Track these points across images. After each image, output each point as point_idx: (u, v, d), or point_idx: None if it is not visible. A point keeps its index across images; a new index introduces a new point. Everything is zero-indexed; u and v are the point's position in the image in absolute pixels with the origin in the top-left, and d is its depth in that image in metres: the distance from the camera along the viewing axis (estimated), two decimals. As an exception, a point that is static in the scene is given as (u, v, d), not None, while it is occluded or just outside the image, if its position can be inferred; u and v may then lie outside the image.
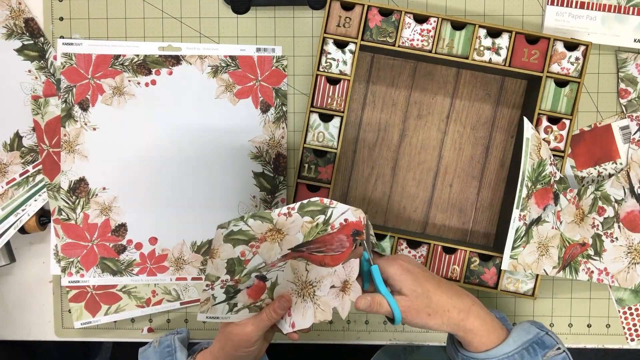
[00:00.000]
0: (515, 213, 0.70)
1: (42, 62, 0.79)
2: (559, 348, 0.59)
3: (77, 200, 0.79)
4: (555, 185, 0.73)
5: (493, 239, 0.80)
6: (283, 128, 0.79)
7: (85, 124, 0.79)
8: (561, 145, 0.74)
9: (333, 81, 0.74)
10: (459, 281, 0.75)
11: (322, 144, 0.74)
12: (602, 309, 0.80)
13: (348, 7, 0.73)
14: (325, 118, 0.74)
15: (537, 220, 0.72)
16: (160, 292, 0.80)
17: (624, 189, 0.76)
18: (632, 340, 0.80)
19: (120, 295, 0.80)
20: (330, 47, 0.73)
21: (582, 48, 0.73)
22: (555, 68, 0.73)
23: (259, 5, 0.78)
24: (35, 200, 0.79)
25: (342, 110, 0.74)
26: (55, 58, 0.79)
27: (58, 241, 0.79)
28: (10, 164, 0.79)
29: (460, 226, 0.80)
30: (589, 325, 0.81)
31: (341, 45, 0.73)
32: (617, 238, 0.76)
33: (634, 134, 0.78)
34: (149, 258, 0.80)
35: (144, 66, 0.78)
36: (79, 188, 0.79)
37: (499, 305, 0.81)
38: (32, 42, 0.79)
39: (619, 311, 0.80)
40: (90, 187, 0.79)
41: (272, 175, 0.80)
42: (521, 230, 0.71)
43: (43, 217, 0.80)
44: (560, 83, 0.74)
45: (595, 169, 0.79)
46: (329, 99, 0.74)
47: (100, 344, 1.21)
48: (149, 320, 0.82)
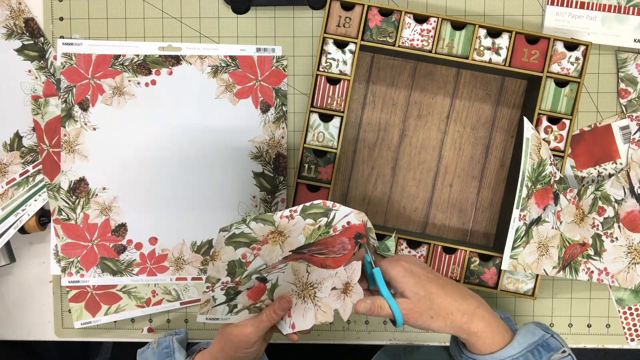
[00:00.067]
0: (515, 213, 0.70)
1: (42, 62, 0.79)
2: (564, 351, 0.59)
3: (77, 200, 0.79)
4: (555, 185, 0.73)
5: (493, 239, 0.80)
6: (283, 128, 0.79)
7: (85, 124, 0.79)
8: (561, 145, 0.74)
9: (333, 81, 0.74)
10: (458, 281, 0.75)
11: (322, 144, 0.74)
12: (602, 309, 0.80)
13: (348, 7, 0.73)
14: (325, 118, 0.74)
15: (537, 220, 0.72)
16: (160, 292, 0.80)
17: (624, 189, 0.76)
18: (632, 340, 0.80)
19: (120, 295, 0.80)
20: (330, 47, 0.73)
21: (582, 48, 0.73)
22: (555, 68, 0.73)
23: (259, 5, 0.78)
24: (35, 200, 0.79)
25: (342, 110, 0.74)
26: (55, 58, 0.79)
27: (58, 241, 0.79)
28: (10, 164, 0.79)
29: (460, 226, 0.80)
30: (589, 325, 0.81)
31: (341, 45, 0.73)
32: (617, 238, 0.76)
33: (634, 134, 0.78)
34: (149, 258, 0.80)
35: (144, 66, 0.78)
36: (79, 188, 0.79)
37: (499, 305, 0.80)
38: (32, 42, 0.79)
39: (619, 311, 0.80)
40: (90, 187, 0.79)
41: (272, 175, 0.80)
42: (521, 230, 0.71)
43: (43, 217, 0.80)
44: (560, 83, 0.74)
45: (595, 169, 0.79)
46: (329, 99, 0.74)
47: (100, 344, 1.21)
48: (149, 320, 0.82)
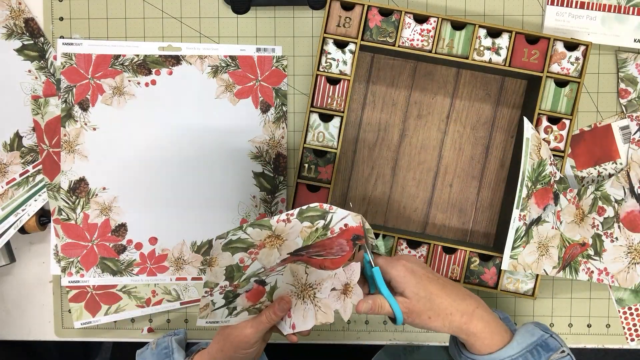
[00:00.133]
0: (515, 213, 0.70)
1: (42, 62, 0.79)
2: (563, 351, 0.59)
3: (77, 200, 0.79)
4: (555, 185, 0.73)
5: (493, 239, 0.80)
6: (283, 128, 0.79)
7: (85, 124, 0.79)
8: (561, 145, 0.74)
9: (333, 81, 0.74)
10: (459, 281, 0.75)
11: (322, 144, 0.74)
12: (602, 309, 0.80)
13: (348, 7, 0.73)
14: (325, 118, 0.74)
15: (537, 220, 0.72)
16: (160, 292, 0.80)
17: (624, 189, 0.76)
18: (632, 340, 0.80)
19: (120, 295, 0.80)
20: (330, 47, 0.73)
21: (582, 48, 0.73)
22: (555, 68, 0.73)
23: (259, 5, 0.78)
24: (35, 200, 0.79)
25: (342, 110, 0.74)
26: (55, 58, 0.79)
27: (58, 241, 0.79)
28: (10, 164, 0.79)
29: (460, 226, 0.80)
30: (589, 325, 0.81)
31: (341, 45, 0.73)
32: (617, 238, 0.76)
33: (634, 134, 0.78)
34: (149, 258, 0.80)
35: (144, 66, 0.78)
36: (79, 188, 0.79)
37: (499, 306, 0.80)
38: (32, 42, 0.79)
39: (619, 311, 0.80)
40: (90, 187, 0.79)
41: (272, 175, 0.80)
42: (521, 230, 0.71)
43: (43, 217, 0.80)
44: (560, 83, 0.74)
45: (595, 169, 0.79)
46: (329, 99, 0.74)
47: (100, 344, 1.21)
48: (149, 320, 0.82)
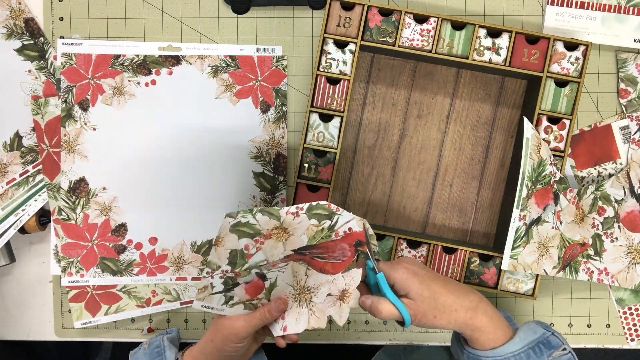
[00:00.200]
0: (515, 213, 0.70)
1: (42, 62, 0.79)
2: (565, 349, 0.59)
3: (77, 200, 0.79)
4: (555, 185, 0.73)
5: (493, 239, 0.80)
6: (283, 128, 0.79)
7: (85, 124, 0.79)
8: (561, 145, 0.74)
9: (333, 81, 0.74)
10: (458, 281, 0.75)
11: (322, 144, 0.74)
12: (602, 309, 0.80)
13: (348, 7, 0.73)
14: (325, 118, 0.74)
15: (537, 220, 0.72)
16: (160, 292, 0.80)
17: (624, 189, 0.76)
18: (632, 340, 0.80)
19: (120, 295, 0.80)
20: (330, 47, 0.73)
21: (582, 48, 0.73)
22: (555, 68, 0.73)
23: (259, 5, 0.78)
24: (35, 200, 0.79)
25: (342, 110, 0.74)
26: (55, 58, 0.79)
27: (58, 241, 0.79)
28: (10, 164, 0.79)
29: (460, 226, 0.80)
30: (589, 325, 0.81)
31: (341, 45, 0.73)
32: (617, 238, 0.76)
33: (634, 134, 0.78)
34: (149, 258, 0.80)
35: (144, 66, 0.78)
36: (79, 188, 0.79)
37: (499, 305, 0.80)
38: (32, 42, 0.79)
39: (619, 311, 0.80)
40: (90, 187, 0.79)
41: (272, 175, 0.80)
42: (521, 230, 0.71)
43: (43, 217, 0.80)
44: (560, 83, 0.74)
45: (595, 169, 0.79)
46: (329, 99, 0.74)
47: (100, 344, 1.21)
48: (149, 320, 0.82)
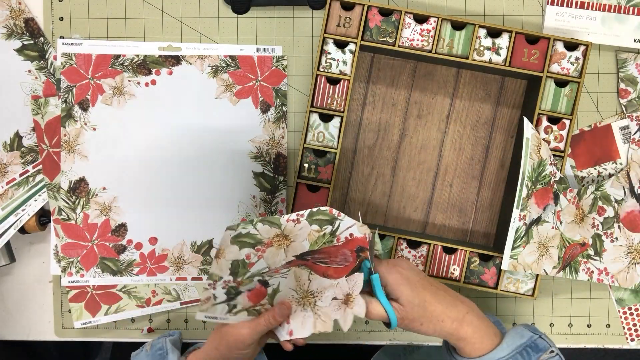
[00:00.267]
0: (515, 213, 0.70)
1: (42, 62, 0.79)
2: (552, 351, 0.60)
3: (77, 200, 0.79)
4: (555, 185, 0.73)
5: (493, 239, 0.80)
6: (283, 128, 0.79)
7: (85, 124, 0.79)
8: (561, 145, 0.74)
9: (333, 81, 0.74)
10: (459, 281, 0.75)
11: (322, 144, 0.74)
12: (602, 309, 0.80)
13: (348, 7, 0.73)
14: (325, 118, 0.74)
15: (537, 220, 0.72)
16: (160, 292, 0.80)
17: (624, 189, 0.76)
18: (632, 340, 0.80)
19: (120, 295, 0.80)
20: (330, 47, 0.73)
21: (582, 48, 0.73)
22: (555, 68, 0.73)
23: (259, 5, 0.78)
24: (35, 200, 0.79)
25: (342, 110, 0.74)
26: (55, 58, 0.79)
27: (58, 241, 0.79)
28: (10, 164, 0.79)
29: (460, 226, 0.80)
30: (589, 325, 0.81)
31: (341, 45, 0.73)
32: (617, 238, 0.76)
33: (634, 134, 0.78)
34: (149, 258, 0.80)
35: (144, 66, 0.78)
36: (79, 188, 0.79)
37: (499, 305, 0.81)
38: (32, 42, 0.79)
39: (619, 311, 0.80)
40: (90, 187, 0.79)
41: (272, 175, 0.80)
42: (521, 230, 0.71)
43: (43, 217, 0.80)
44: (560, 83, 0.74)
45: (595, 169, 0.79)
46: (329, 99, 0.74)
47: (100, 344, 1.21)
48: (149, 320, 0.82)
